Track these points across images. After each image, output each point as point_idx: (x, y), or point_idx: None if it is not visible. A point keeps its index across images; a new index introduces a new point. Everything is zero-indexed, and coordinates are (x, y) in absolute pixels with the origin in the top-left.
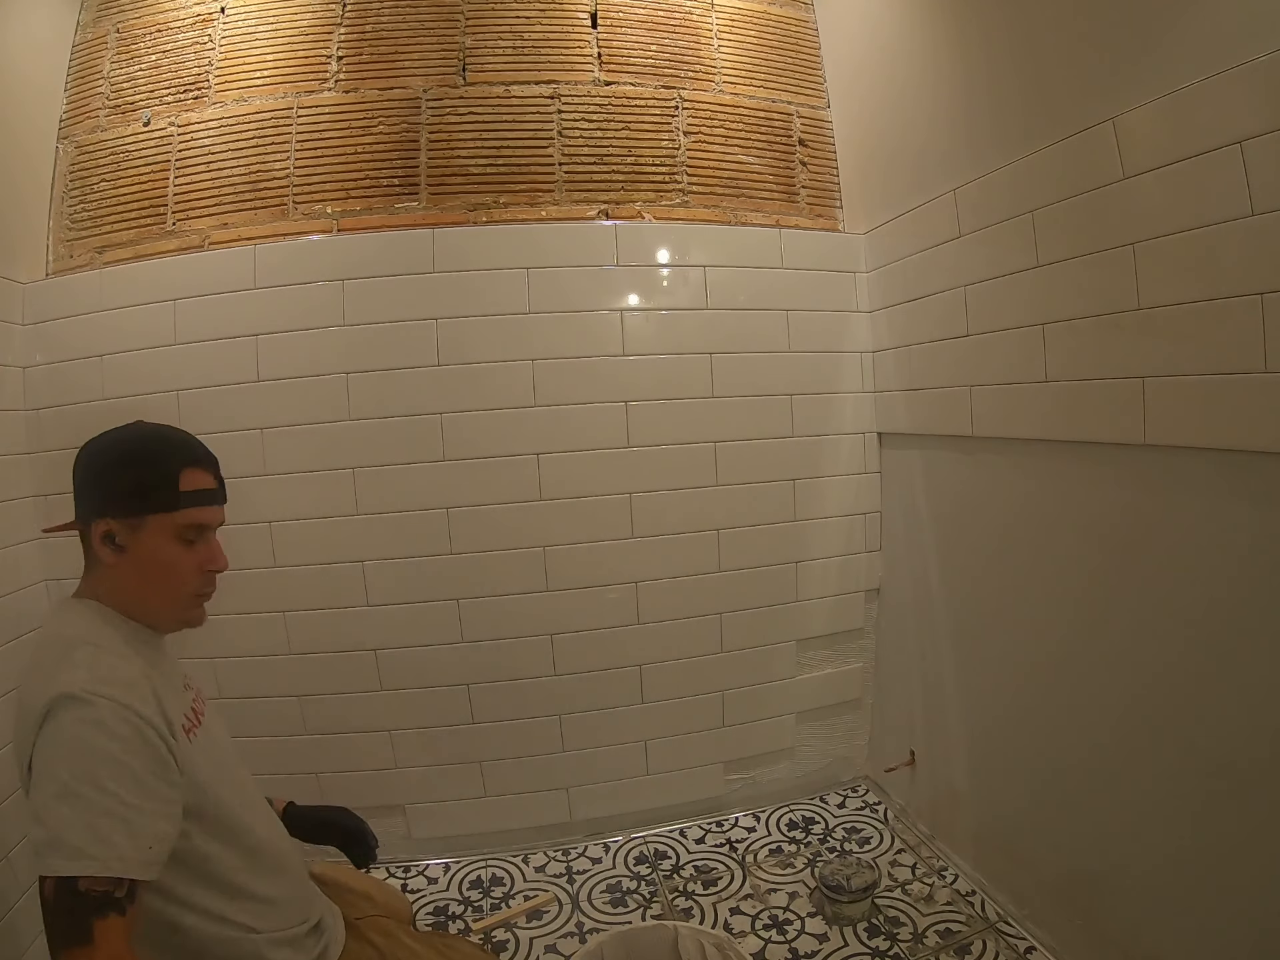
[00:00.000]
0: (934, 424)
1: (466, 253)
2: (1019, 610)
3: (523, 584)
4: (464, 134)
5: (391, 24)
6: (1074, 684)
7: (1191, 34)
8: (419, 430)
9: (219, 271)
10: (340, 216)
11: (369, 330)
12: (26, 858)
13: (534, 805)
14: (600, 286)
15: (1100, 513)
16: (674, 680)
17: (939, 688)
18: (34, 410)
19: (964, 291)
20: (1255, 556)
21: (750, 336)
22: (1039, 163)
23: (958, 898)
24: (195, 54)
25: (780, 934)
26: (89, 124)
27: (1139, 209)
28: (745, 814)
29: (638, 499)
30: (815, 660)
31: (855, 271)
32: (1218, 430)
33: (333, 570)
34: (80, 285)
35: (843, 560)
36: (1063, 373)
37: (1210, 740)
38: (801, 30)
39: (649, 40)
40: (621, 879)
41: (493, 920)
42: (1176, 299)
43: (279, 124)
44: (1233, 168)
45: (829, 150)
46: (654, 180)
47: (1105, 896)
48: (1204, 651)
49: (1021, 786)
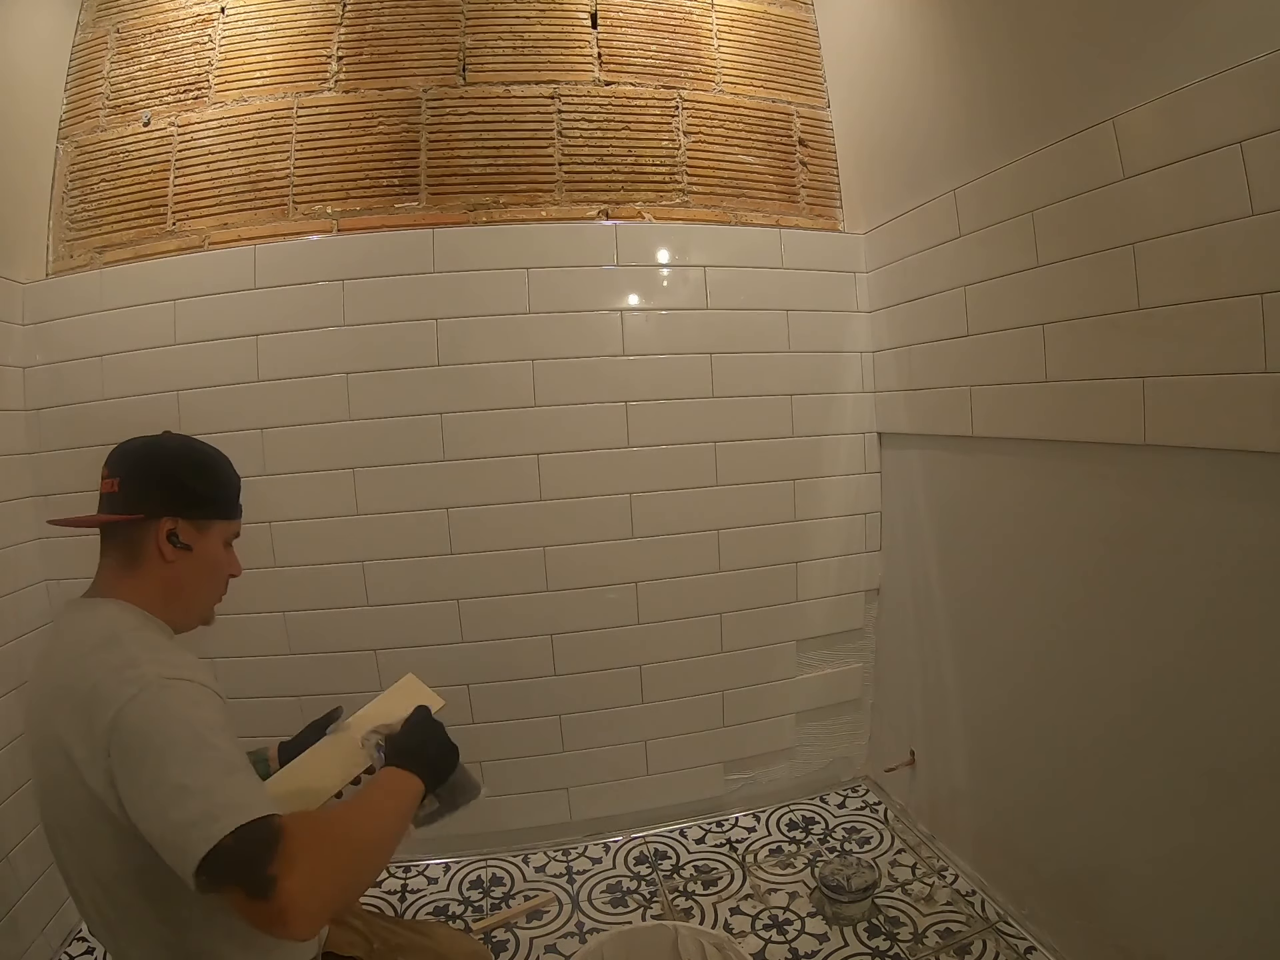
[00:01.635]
0: (934, 424)
1: (466, 253)
2: (1019, 610)
3: (523, 584)
4: (464, 134)
5: (391, 24)
6: (1074, 684)
7: (1191, 34)
8: (419, 430)
9: (219, 271)
10: (340, 216)
11: (369, 330)
12: (27, 858)
13: (534, 805)
14: (600, 286)
15: (1100, 512)
16: (674, 680)
17: (939, 688)
18: (34, 410)
19: (964, 291)
20: (1254, 556)
21: (750, 336)
22: (1039, 163)
23: (958, 898)
24: (195, 54)
25: (780, 934)
26: (89, 124)
27: (1139, 209)
28: (745, 814)
29: (638, 499)
30: (815, 660)
31: (855, 271)
32: (1218, 430)
33: (333, 570)
34: (80, 285)
35: (843, 560)
36: (1063, 373)
37: (1209, 739)
38: (801, 30)
39: (649, 40)
40: (621, 879)
41: (493, 920)
42: (1176, 299)
43: (279, 124)
44: (1233, 168)
45: (829, 150)
46: (654, 180)
47: (1105, 896)
48: (1203, 651)
49: (1021, 786)
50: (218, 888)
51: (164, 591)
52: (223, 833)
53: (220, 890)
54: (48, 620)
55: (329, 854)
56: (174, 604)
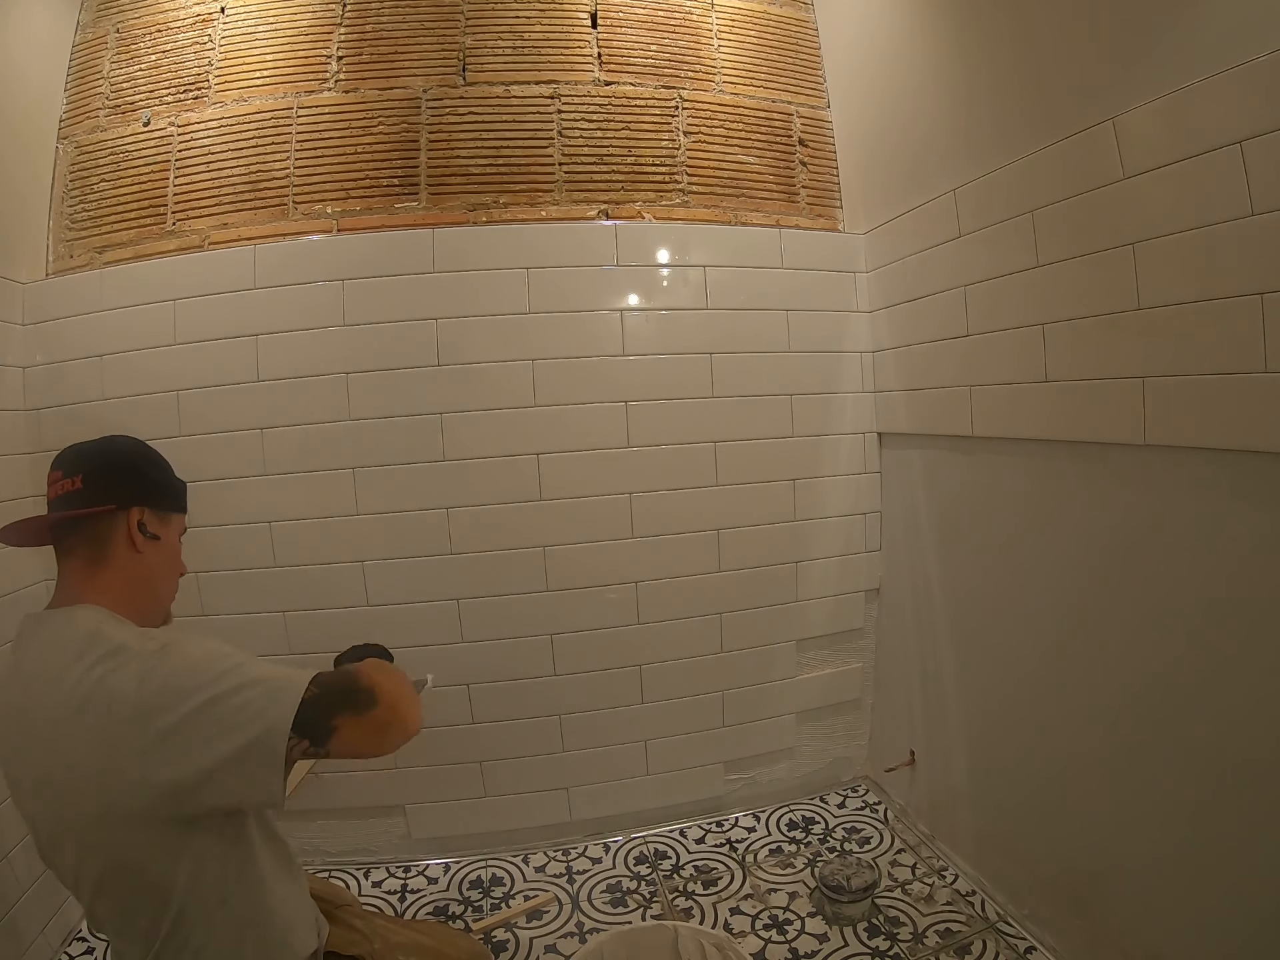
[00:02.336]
0: (934, 424)
1: (466, 253)
2: (1019, 610)
3: (523, 584)
4: (464, 134)
5: (391, 24)
6: (1074, 683)
7: (1191, 34)
8: (419, 430)
9: (219, 271)
10: (340, 216)
11: (369, 330)
12: (27, 858)
13: (534, 805)
14: (600, 286)
15: (1100, 513)
16: (674, 680)
17: (939, 687)
18: (34, 410)
19: (964, 291)
20: (1254, 556)
21: (750, 336)
22: (1039, 162)
23: (958, 898)
24: (195, 54)
25: (780, 934)
26: (89, 124)
27: (1139, 209)
28: (745, 814)
29: (638, 499)
30: (815, 660)
31: (855, 271)
32: (1218, 430)
33: (333, 570)
34: (80, 285)
35: (843, 560)
36: (1063, 373)
37: (1210, 740)
38: (801, 30)
39: (649, 40)
40: (621, 879)
41: (493, 920)
42: (1176, 299)
43: (279, 124)
44: (1233, 168)
45: (829, 150)
46: (654, 180)
47: (1105, 896)
48: (1203, 651)
49: (1021, 786)
50: (326, 732)
51: (131, 587)
52: (302, 687)
53: (330, 733)
54: None
55: (386, 668)
56: (140, 600)
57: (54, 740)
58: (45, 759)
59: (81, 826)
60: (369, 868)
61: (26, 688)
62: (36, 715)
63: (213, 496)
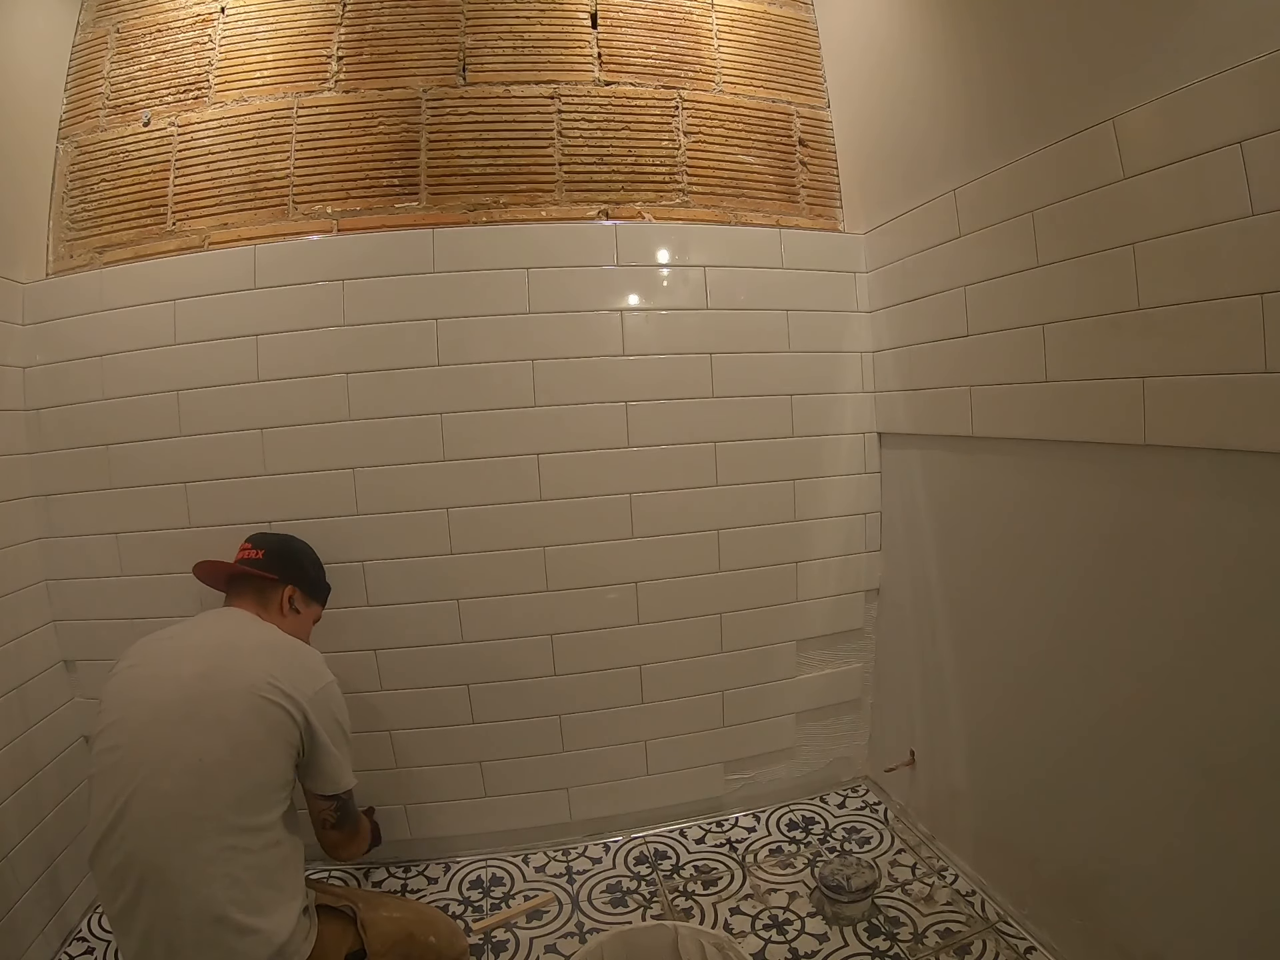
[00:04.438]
0: (934, 424)
1: (466, 253)
2: (1019, 610)
3: (523, 584)
4: (464, 134)
5: (391, 24)
6: (1073, 683)
7: (1191, 34)
8: (419, 430)
9: (219, 271)
10: (340, 216)
11: (369, 330)
12: (27, 858)
13: (534, 805)
14: (600, 286)
15: (1100, 513)
16: (674, 680)
17: (939, 687)
18: (34, 410)
19: (964, 291)
20: (1253, 556)
21: (750, 336)
22: (1039, 163)
23: (958, 898)
24: (195, 54)
25: (780, 934)
26: (89, 124)
27: (1139, 209)
28: (745, 814)
29: (638, 499)
30: (815, 660)
31: (855, 271)
32: (1217, 430)
33: (333, 570)
34: (80, 285)
35: (843, 560)
36: (1062, 373)
37: (1209, 739)
38: (801, 30)
39: (649, 40)
40: (621, 879)
41: (493, 920)
42: (1176, 299)
43: (279, 124)
44: (1233, 168)
45: (829, 150)
46: (654, 180)
47: (1105, 895)
48: (1201, 651)
49: (1021, 786)
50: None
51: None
52: (351, 783)
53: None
54: (48, 620)
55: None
56: None
57: (240, 663)
58: (252, 670)
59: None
60: (369, 868)
61: (214, 630)
62: (242, 645)
63: (213, 496)
